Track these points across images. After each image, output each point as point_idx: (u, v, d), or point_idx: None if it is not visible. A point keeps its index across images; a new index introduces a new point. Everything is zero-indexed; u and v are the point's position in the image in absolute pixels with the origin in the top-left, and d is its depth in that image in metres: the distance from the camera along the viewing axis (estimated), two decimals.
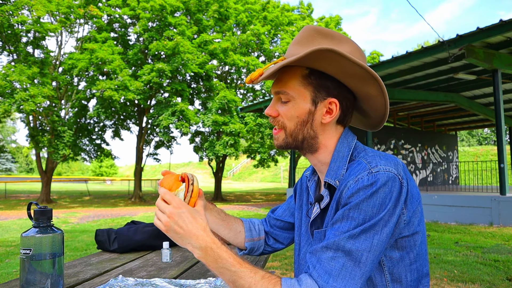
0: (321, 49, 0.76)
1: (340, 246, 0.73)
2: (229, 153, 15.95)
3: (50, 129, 15.61)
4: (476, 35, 7.10)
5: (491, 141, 43.89)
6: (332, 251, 0.73)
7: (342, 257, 0.72)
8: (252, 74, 0.85)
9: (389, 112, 0.90)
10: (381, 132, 13.17)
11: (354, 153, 0.87)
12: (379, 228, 0.73)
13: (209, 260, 0.78)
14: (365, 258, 0.72)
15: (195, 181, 0.87)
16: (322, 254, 0.74)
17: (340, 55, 0.77)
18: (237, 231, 1.08)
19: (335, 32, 0.86)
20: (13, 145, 57.98)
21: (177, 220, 0.79)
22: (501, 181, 7.80)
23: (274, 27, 18.55)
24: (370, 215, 0.74)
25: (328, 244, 0.74)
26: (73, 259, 2.88)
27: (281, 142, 0.90)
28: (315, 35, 0.85)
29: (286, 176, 38.32)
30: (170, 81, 16.42)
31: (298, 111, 0.86)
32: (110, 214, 11.79)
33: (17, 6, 14.03)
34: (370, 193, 0.74)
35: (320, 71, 0.85)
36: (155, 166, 58.21)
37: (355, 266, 0.72)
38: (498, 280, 3.65)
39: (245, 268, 0.76)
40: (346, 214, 0.75)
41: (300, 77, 0.86)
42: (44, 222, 0.90)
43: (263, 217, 1.19)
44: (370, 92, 0.85)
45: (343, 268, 0.71)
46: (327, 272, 0.72)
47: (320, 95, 0.86)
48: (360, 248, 0.72)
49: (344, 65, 0.80)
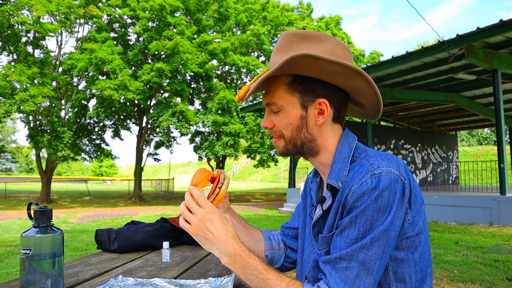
0: (294, 56, 0.77)
1: (354, 256, 0.76)
2: (228, 153, 15.95)
3: (49, 129, 15.61)
4: (476, 35, 7.10)
5: (491, 141, 43.90)
6: (346, 262, 0.76)
7: (356, 268, 0.75)
8: (239, 92, 0.87)
9: (383, 105, 0.90)
10: (381, 132, 13.17)
11: (355, 154, 0.87)
12: (388, 234, 0.76)
13: (236, 267, 0.81)
14: (378, 266, 0.76)
15: (223, 186, 0.89)
16: (336, 264, 0.77)
17: (315, 58, 0.78)
18: (257, 239, 1.09)
19: (314, 32, 0.87)
20: (13, 145, 58.01)
21: (208, 226, 0.82)
22: (501, 181, 7.80)
23: (274, 27, 18.55)
24: (377, 219, 0.76)
25: (342, 255, 0.77)
26: (73, 259, 2.88)
27: (282, 149, 0.92)
28: (294, 40, 0.86)
29: (286, 176, 38.32)
30: (170, 81, 16.42)
31: (290, 118, 0.88)
32: (110, 214, 11.79)
33: (17, 6, 14.03)
34: (374, 196, 0.75)
35: (303, 76, 0.86)
36: (155, 166, 58.26)
37: (369, 275, 0.75)
38: (498, 280, 3.65)
39: (271, 275, 0.79)
40: (354, 220, 0.77)
41: (285, 86, 0.87)
42: (44, 222, 0.90)
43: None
44: (357, 85, 0.86)
45: (357, 277, 0.75)
46: (343, 281, 0.75)
47: (308, 98, 0.86)
48: (373, 257, 0.75)
49: (322, 66, 0.81)
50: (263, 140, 18.12)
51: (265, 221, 9.16)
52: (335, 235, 0.81)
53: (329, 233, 0.84)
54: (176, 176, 44.55)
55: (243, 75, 18.61)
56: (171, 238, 1.56)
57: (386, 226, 0.75)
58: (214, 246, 0.81)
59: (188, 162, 60.52)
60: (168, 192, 27.17)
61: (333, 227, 0.83)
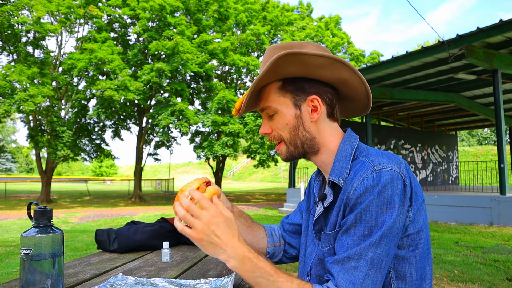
0: (280, 56, 0.81)
1: (363, 255, 0.76)
2: (227, 153, 15.95)
3: (49, 129, 15.61)
4: (476, 35, 7.10)
5: (491, 141, 43.89)
6: (355, 261, 0.76)
7: (365, 267, 0.75)
8: (236, 104, 0.92)
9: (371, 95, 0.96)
10: (381, 132, 13.18)
11: (356, 153, 0.88)
12: (393, 230, 0.77)
13: (245, 270, 0.77)
14: (385, 263, 0.77)
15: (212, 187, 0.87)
16: (345, 264, 0.77)
17: (299, 54, 0.82)
18: (260, 236, 1.09)
19: (295, 42, 0.91)
20: (13, 145, 58.00)
21: (214, 229, 0.76)
22: (501, 181, 7.80)
23: (274, 27, 18.55)
24: (381, 215, 0.76)
25: (351, 255, 0.77)
26: (73, 259, 2.88)
27: (286, 153, 0.94)
28: (276, 51, 0.90)
29: (286, 176, 38.32)
30: (169, 81, 16.42)
31: (285, 119, 0.90)
32: (110, 214, 11.79)
33: (17, 7, 14.02)
34: (377, 191, 0.76)
35: (292, 78, 0.90)
36: (155, 166, 58.24)
37: (377, 273, 0.76)
38: (498, 280, 3.65)
39: (281, 277, 0.78)
40: (359, 217, 0.77)
41: (277, 90, 0.91)
42: (44, 222, 0.90)
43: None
44: (342, 76, 0.89)
45: (366, 277, 0.75)
46: (352, 281, 0.75)
47: (299, 97, 0.90)
48: (381, 255, 0.76)
49: (307, 61, 0.84)
50: (263, 140, 18.11)
51: (265, 221, 9.18)
52: (340, 234, 0.81)
53: (331, 231, 0.85)
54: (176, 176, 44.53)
55: (243, 75, 18.60)
56: (171, 238, 1.56)
57: (392, 223, 0.76)
58: (220, 250, 0.77)
59: (188, 162, 60.50)
60: (168, 192, 27.16)
61: (335, 224, 0.84)
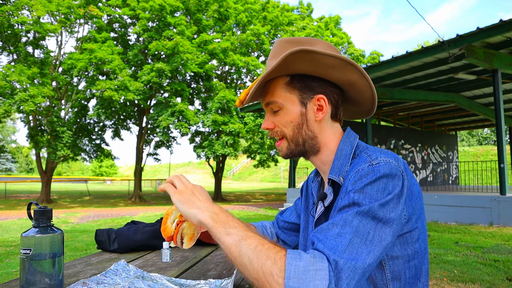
0: (293, 52, 0.79)
1: (348, 221, 0.70)
2: (227, 152, 15.95)
3: (49, 129, 15.61)
4: (476, 35, 7.10)
5: (491, 141, 43.89)
6: (339, 227, 0.70)
7: (349, 233, 0.69)
8: (240, 95, 0.89)
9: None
10: (381, 132, 13.17)
11: (356, 151, 0.88)
12: (386, 212, 0.72)
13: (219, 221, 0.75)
14: (372, 236, 0.69)
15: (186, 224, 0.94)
16: (328, 231, 0.70)
17: (312, 52, 0.81)
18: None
19: (304, 37, 0.91)
20: (13, 145, 57.99)
21: (195, 191, 0.85)
22: (501, 181, 7.80)
23: (274, 27, 18.55)
24: (376, 198, 0.72)
25: (335, 221, 0.71)
26: (73, 259, 2.88)
27: (286, 150, 0.92)
28: (286, 45, 0.89)
29: (286, 176, 38.32)
30: (170, 81, 16.42)
31: (290, 116, 0.89)
32: (110, 214, 11.79)
33: (17, 6, 14.03)
34: (373, 178, 0.74)
35: (300, 74, 0.88)
36: (155, 166, 58.23)
37: (363, 244, 0.68)
38: (498, 280, 3.65)
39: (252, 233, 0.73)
40: (351, 197, 0.74)
41: (284, 85, 0.89)
42: (44, 222, 0.90)
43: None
44: (351, 78, 0.88)
45: (350, 244, 0.68)
46: (333, 248, 0.67)
47: (306, 95, 0.89)
48: (367, 226, 0.70)
49: (319, 60, 0.83)
50: (263, 141, 18.11)
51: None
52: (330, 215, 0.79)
53: None
54: None
55: (243, 75, 18.60)
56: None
57: (386, 202, 0.72)
58: (197, 203, 0.81)
59: (188, 162, 60.48)
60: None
61: None
